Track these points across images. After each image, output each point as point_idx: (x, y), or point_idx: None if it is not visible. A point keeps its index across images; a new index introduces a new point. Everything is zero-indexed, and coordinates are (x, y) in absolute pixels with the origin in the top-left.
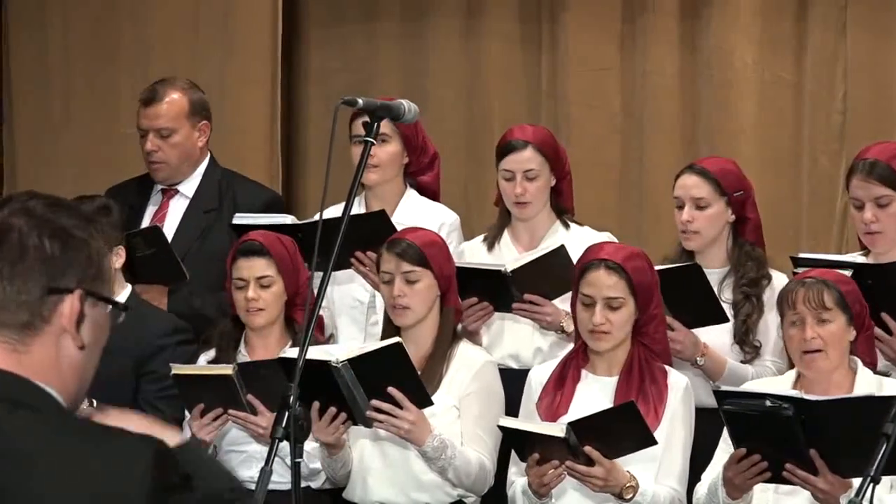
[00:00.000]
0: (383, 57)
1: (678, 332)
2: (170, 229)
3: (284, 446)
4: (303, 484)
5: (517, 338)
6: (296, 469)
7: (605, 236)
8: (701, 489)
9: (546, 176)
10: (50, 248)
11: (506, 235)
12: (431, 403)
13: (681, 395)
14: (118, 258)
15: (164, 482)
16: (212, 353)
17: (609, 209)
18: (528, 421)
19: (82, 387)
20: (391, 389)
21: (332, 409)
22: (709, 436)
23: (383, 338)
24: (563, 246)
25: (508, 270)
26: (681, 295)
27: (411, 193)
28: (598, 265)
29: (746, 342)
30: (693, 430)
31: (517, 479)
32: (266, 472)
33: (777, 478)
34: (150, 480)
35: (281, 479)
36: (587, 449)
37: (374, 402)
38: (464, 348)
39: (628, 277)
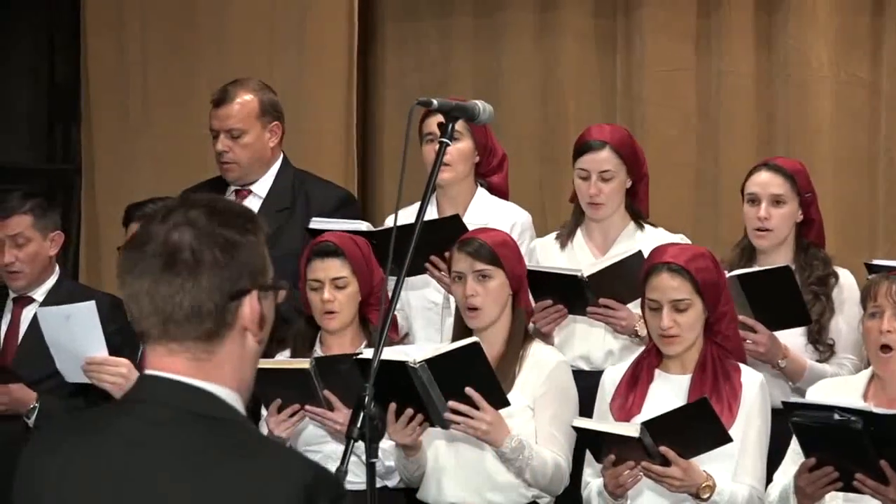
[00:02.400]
0: (457, 57)
1: (761, 334)
2: None
3: (360, 446)
4: (379, 483)
5: (589, 340)
6: (371, 469)
7: (679, 238)
8: (773, 492)
9: (622, 177)
10: (223, 258)
11: (579, 235)
12: (508, 404)
13: (755, 391)
14: None
15: (318, 499)
16: (287, 353)
17: (684, 210)
18: (603, 421)
19: (253, 377)
20: (469, 390)
21: (409, 411)
22: (784, 435)
23: (454, 339)
24: (640, 251)
25: (585, 276)
26: (766, 298)
27: (482, 193)
28: (661, 268)
29: (820, 341)
30: (770, 426)
31: (592, 480)
32: (342, 473)
33: (848, 487)
34: (305, 493)
35: (356, 478)
36: (663, 449)
37: (452, 404)
38: (536, 348)
39: (692, 278)
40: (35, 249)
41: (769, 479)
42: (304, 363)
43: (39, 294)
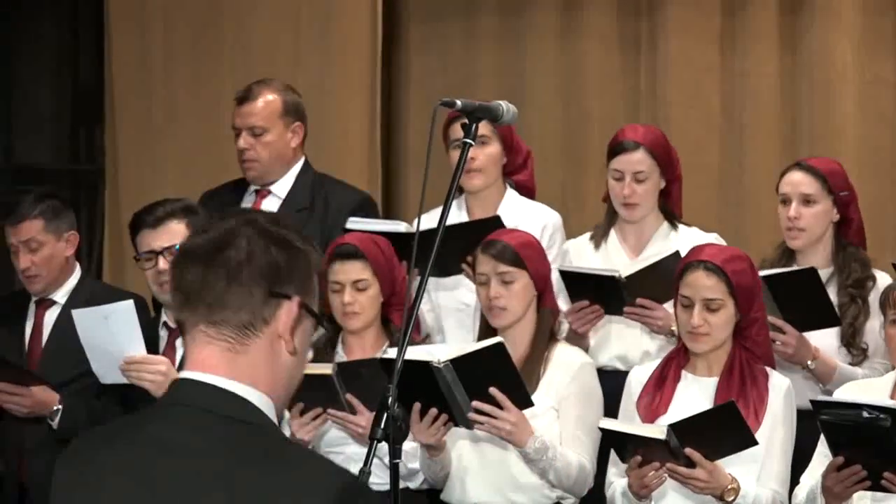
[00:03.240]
0: (481, 58)
1: (790, 335)
2: None
3: (382, 447)
4: (401, 485)
5: (625, 340)
6: (394, 470)
7: (713, 238)
8: (801, 493)
9: (655, 179)
10: (276, 254)
11: (613, 235)
12: (532, 404)
13: (782, 396)
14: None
15: None
16: (309, 355)
17: (708, 210)
18: (629, 423)
19: (290, 391)
20: (493, 390)
21: (433, 411)
22: (811, 438)
23: (479, 339)
24: (677, 252)
25: (623, 276)
26: (793, 298)
27: (512, 194)
28: (697, 266)
29: (853, 344)
30: (794, 432)
31: (616, 480)
32: (364, 474)
33: (876, 486)
34: (335, 501)
35: (379, 479)
36: (688, 451)
37: (476, 404)
38: (561, 349)
39: (727, 279)
40: (49, 252)
41: (795, 482)
42: (326, 368)
43: (61, 296)
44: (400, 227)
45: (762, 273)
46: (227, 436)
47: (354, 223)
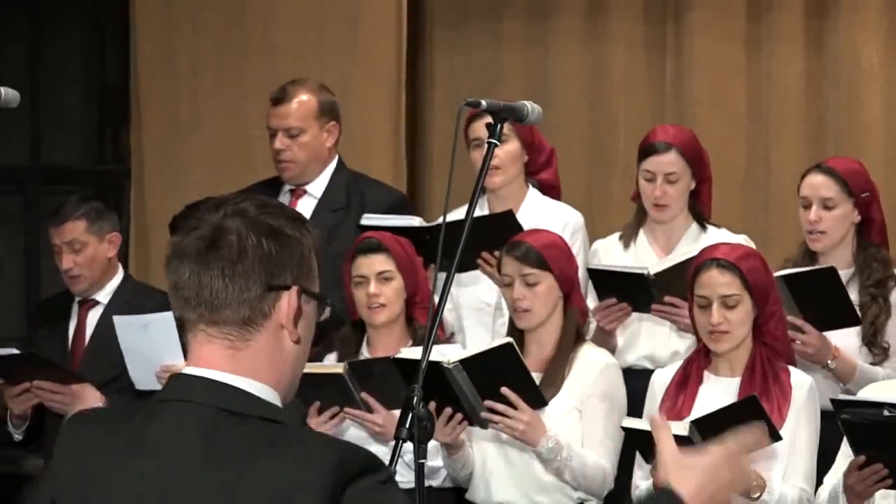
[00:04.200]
0: (506, 59)
1: (810, 335)
2: None
3: (405, 446)
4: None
5: (654, 340)
6: (420, 470)
7: (742, 238)
8: (823, 493)
9: (687, 180)
10: (267, 246)
11: (642, 235)
12: (545, 404)
13: (805, 394)
14: None
15: (346, 474)
16: (334, 356)
17: (734, 210)
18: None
19: (295, 380)
20: (505, 390)
21: (448, 410)
22: (833, 438)
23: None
24: None
25: (652, 273)
26: (813, 298)
27: (534, 194)
28: (710, 265)
29: (875, 344)
30: (819, 429)
31: (643, 482)
32: (391, 473)
33: None
34: (333, 474)
35: (403, 478)
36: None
37: (488, 403)
38: (587, 350)
39: (742, 275)
40: (92, 253)
41: (819, 482)
42: (337, 368)
43: (104, 296)
44: (413, 221)
45: (781, 272)
46: (225, 429)
47: (368, 219)
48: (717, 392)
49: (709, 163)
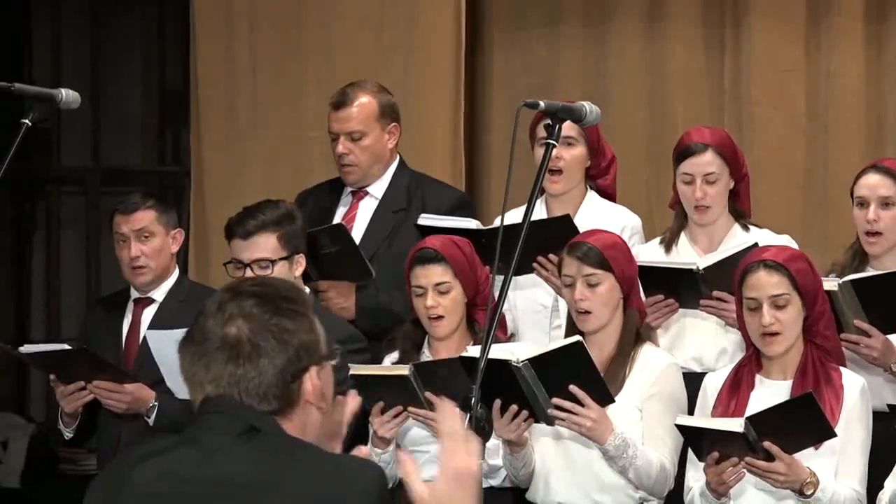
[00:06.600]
0: (565, 60)
1: (875, 338)
2: (359, 230)
3: None
4: (484, 483)
5: (700, 339)
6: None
7: (785, 239)
8: (884, 497)
9: (725, 179)
10: (279, 346)
11: (683, 238)
12: (613, 401)
13: (857, 395)
14: (299, 267)
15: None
16: (395, 356)
17: (793, 211)
18: (705, 418)
19: (322, 439)
20: (573, 387)
21: (514, 407)
22: (887, 440)
23: (567, 338)
24: (756, 243)
25: (701, 268)
26: (879, 302)
27: (593, 196)
28: (757, 266)
29: None
30: (871, 430)
31: (695, 484)
32: None
33: None
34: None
35: None
36: (766, 444)
37: (556, 400)
38: (647, 350)
39: (790, 275)
40: (160, 244)
41: (880, 486)
42: (403, 369)
43: (160, 294)
44: (470, 224)
45: (850, 277)
46: (259, 443)
47: (425, 219)
48: (770, 396)
49: (745, 161)
